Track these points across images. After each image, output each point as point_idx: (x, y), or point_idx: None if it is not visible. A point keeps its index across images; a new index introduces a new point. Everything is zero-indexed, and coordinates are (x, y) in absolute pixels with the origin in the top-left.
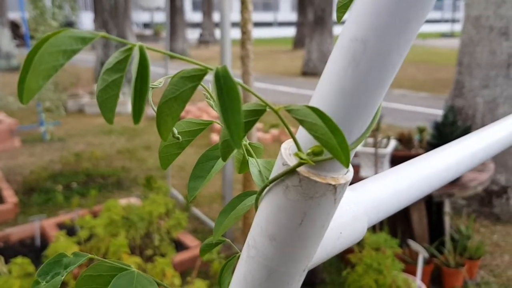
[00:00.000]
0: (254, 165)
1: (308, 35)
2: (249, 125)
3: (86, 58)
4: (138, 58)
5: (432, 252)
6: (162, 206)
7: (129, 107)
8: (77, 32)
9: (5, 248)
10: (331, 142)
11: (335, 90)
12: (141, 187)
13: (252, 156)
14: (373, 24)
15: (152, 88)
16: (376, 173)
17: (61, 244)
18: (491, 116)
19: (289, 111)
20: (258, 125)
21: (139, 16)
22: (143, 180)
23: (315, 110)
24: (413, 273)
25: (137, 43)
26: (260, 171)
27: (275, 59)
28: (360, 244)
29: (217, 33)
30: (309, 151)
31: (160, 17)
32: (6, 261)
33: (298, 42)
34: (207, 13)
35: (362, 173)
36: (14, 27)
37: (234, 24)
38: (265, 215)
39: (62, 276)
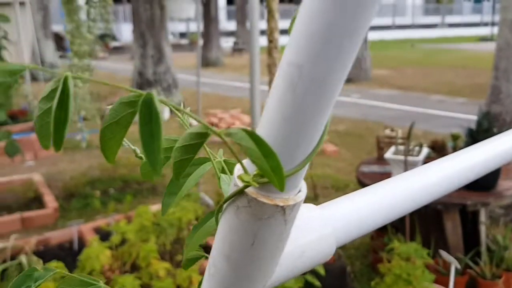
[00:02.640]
0: (226, 182)
1: None
2: (196, 147)
3: (124, 68)
4: (61, 88)
5: (467, 262)
6: (191, 212)
7: (165, 115)
8: (4, 65)
9: (44, 251)
10: (265, 166)
11: (276, 114)
12: None
13: (225, 173)
14: (307, 49)
15: (109, 107)
16: None
17: (94, 249)
18: None
19: (228, 134)
20: None
21: (176, 26)
22: None
23: (250, 134)
24: (447, 284)
25: (65, 73)
26: None
27: None
28: (390, 253)
29: None
30: (255, 172)
31: (196, 26)
32: (45, 264)
33: None
34: (241, 22)
35: None
36: (58, 39)
37: (264, 32)
38: (221, 235)
39: None
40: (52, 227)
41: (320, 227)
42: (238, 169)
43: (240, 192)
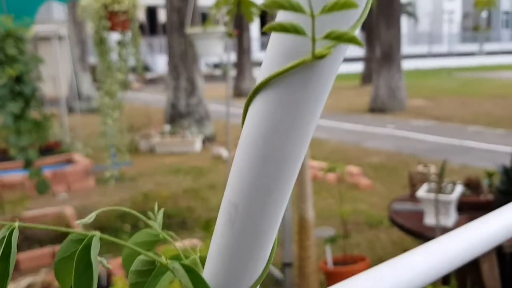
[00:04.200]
0: None
1: (376, 71)
2: (147, 272)
3: (158, 99)
4: (5, 240)
5: None
6: None
7: (196, 146)
8: None
9: None
10: None
11: (219, 249)
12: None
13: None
14: (241, 191)
15: (82, 223)
16: (438, 221)
17: None
18: None
19: (172, 269)
20: (321, 165)
21: (210, 57)
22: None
23: (189, 271)
24: None
25: (15, 223)
26: None
27: (342, 95)
28: None
29: None
30: None
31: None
32: None
33: (366, 78)
34: None
35: (426, 220)
36: (95, 71)
37: None
38: None
39: None
40: None
41: None
42: None
43: None
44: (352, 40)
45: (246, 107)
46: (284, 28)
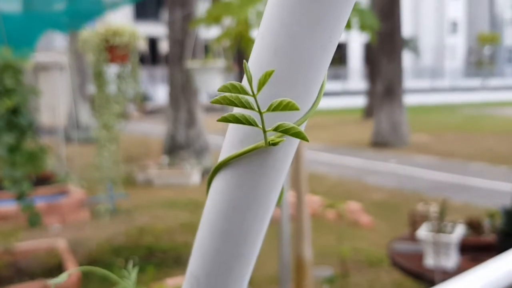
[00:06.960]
0: None
1: (377, 105)
2: None
3: (157, 130)
4: None
5: None
6: None
7: (194, 179)
8: None
9: None
10: None
11: None
12: None
13: None
14: (203, 264)
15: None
16: (438, 263)
17: None
18: None
19: None
20: (321, 200)
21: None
22: None
23: None
24: None
25: None
26: None
27: (344, 129)
28: None
29: None
30: None
31: None
32: None
33: (368, 112)
34: None
35: (427, 261)
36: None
37: None
38: None
39: None
40: None
41: None
42: None
43: None
44: (297, 135)
45: (208, 184)
46: (237, 120)
